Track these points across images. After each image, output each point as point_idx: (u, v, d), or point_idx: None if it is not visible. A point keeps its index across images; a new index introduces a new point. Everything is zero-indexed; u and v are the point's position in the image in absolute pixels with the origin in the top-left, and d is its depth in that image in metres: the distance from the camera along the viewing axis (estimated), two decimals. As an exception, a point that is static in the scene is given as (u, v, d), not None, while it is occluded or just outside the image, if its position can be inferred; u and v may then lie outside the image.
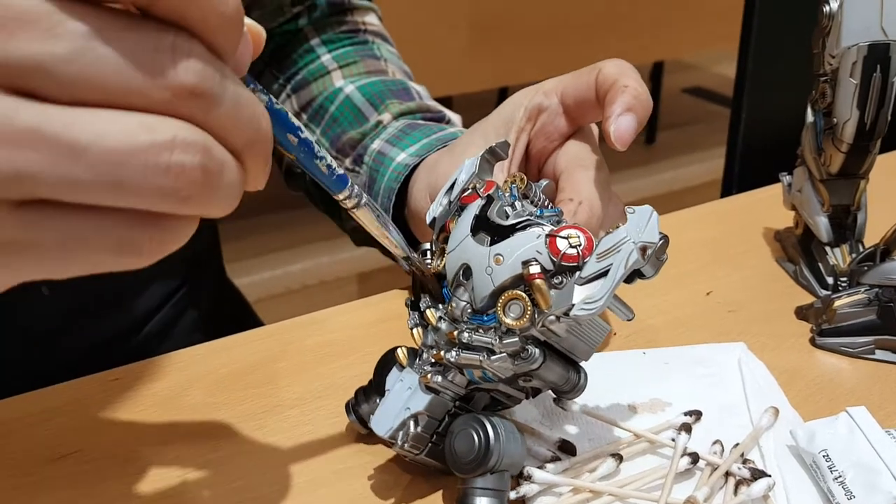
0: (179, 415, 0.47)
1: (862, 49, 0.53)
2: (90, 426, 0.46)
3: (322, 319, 0.57)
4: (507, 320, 0.37)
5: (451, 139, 0.57)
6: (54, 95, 0.23)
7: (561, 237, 0.37)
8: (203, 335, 0.55)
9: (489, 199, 0.40)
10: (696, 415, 0.46)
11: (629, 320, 0.39)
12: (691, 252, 0.66)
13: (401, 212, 0.58)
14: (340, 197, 0.35)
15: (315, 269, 2.05)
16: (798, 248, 0.63)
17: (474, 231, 0.39)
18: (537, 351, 0.37)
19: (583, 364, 0.41)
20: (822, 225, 0.60)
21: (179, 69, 0.25)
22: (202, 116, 0.25)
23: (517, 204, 0.40)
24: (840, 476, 0.41)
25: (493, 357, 0.38)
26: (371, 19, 0.72)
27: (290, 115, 0.32)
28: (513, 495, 0.40)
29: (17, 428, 0.45)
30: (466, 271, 0.39)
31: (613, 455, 0.42)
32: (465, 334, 0.38)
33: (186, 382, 0.50)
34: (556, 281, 0.37)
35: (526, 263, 0.37)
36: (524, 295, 0.37)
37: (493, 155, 0.43)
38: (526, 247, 0.37)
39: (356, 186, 0.36)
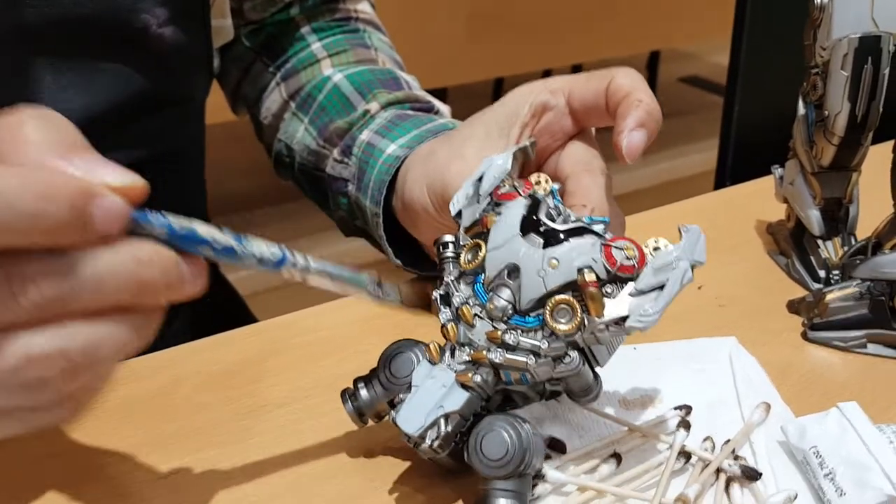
0: (166, 413, 0.47)
1: (853, 41, 0.53)
2: (77, 426, 0.46)
3: (310, 317, 0.57)
4: (557, 325, 0.38)
5: (441, 130, 0.56)
6: None
7: (617, 247, 0.38)
8: (194, 335, 0.55)
9: (534, 200, 0.40)
10: (687, 409, 0.46)
11: (645, 331, 0.39)
12: None
13: (388, 203, 0.57)
14: (284, 275, 0.36)
15: (312, 263, 2.04)
16: (790, 242, 0.62)
17: (523, 232, 0.39)
18: (578, 356, 0.38)
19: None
20: (813, 218, 0.60)
21: (18, 295, 0.26)
22: (60, 312, 0.27)
23: (561, 208, 0.41)
24: (830, 472, 0.41)
25: (539, 360, 0.38)
26: (363, 7, 0.72)
27: (199, 228, 0.32)
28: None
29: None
30: (513, 271, 0.39)
31: (613, 455, 0.42)
32: (510, 335, 0.38)
33: (174, 381, 0.49)
34: (607, 290, 0.37)
35: (581, 270, 0.37)
36: (574, 301, 0.38)
37: (524, 153, 0.44)
38: (583, 253, 0.38)
39: (297, 256, 0.36)
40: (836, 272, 0.59)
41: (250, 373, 0.50)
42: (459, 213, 0.42)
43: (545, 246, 0.38)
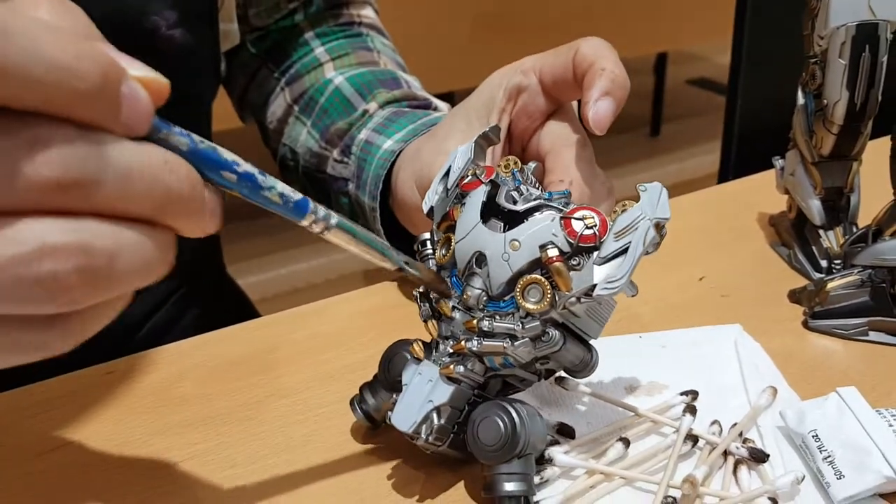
0: (171, 406, 0.47)
1: (850, 29, 0.53)
2: (82, 419, 0.46)
3: (312, 312, 0.57)
4: (528, 305, 0.37)
5: (436, 124, 0.57)
6: None
7: (576, 218, 0.37)
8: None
9: (494, 185, 0.40)
10: (693, 394, 0.46)
11: (633, 296, 0.39)
12: (685, 238, 0.66)
13: (385, 208, 0.58)
14: (304, 224, 0.32)
15: (320, 268, 2.05)
16: (791, 232, 0.62)
17: (484, 218, 0.39)
18: (557, 333, 0.38)
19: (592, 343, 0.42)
20: (814, 208, 0.60)
21: (38, 164, 0.22)
22: (83, 204, 0.24)
23: (522, 188, 0.40)
24: (829, 456, 0.41)
25: (516, 343, 0.38)
26: (367, 12, 0.73)
27: (219, 150, 0.29)
28: (536, 479, 0.40)
29: (7, 423, 0.46)
30: (480, 259, 0.39)
31: (621, 440, 0.43)
32: (485, 322, 0.38)
33: (178, 374, 0.50)
34: (573, 262, 0.37)
35: (543, 247, 0.37)
36: (543, 279, 0.37)
37: (486, 140, 0.44)
38: (542, 230, 0.37)
39: (321, 208, 0.33)
40: (838, 261, 0.59)
41: (253, 365, 0.51)
42: (432, 210, 0.42)
43: (506, 229, 0.38)
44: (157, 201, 0.25)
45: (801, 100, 0.59)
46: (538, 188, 0.42)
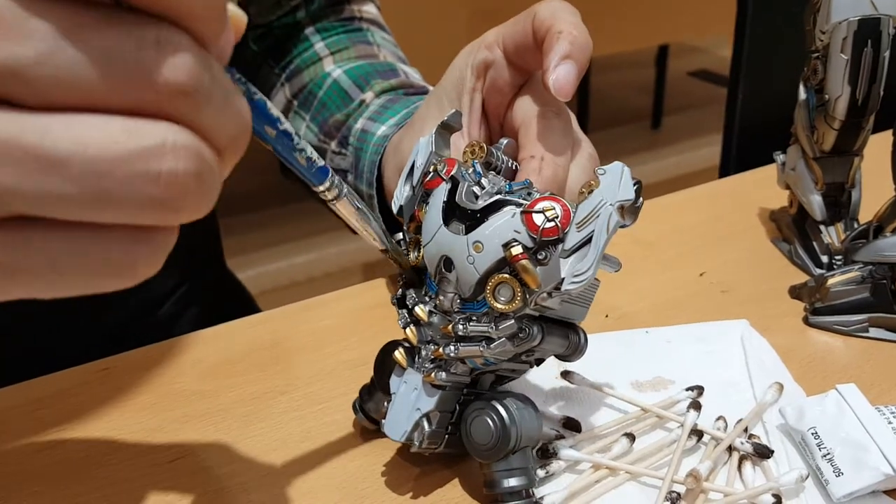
0: (169, 402, 0.47)
1: (852, 24, 0.53)
2: (79, 416, 0.46)
3: (310, 308, 0.57)
4: (499, 305, 0.36)
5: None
6: (29, 101, 0.21)
7: (536, 212, 0.35)
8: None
9: (454, 182, 0.38)
10: (699, 390, 0.46)
11: (617, 271, 0.38)
12: (685, 233, 0.65)
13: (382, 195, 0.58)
14: (321, 188, 0.34)
15: (320, 261, 2.05)
16: (792, 228, 0.62)
17: (446, 220, 0.38)
18: (535, 328, 0.37)
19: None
20: (815, 203, 0.60)
21: (166, 67, 0.22)
22: (192, 117, 0.23)
23: (483, 181, 0.38)
24: (829, 453, 0.41)
25: (492, 344, 0.37)
26: (368, 8, 0.72)
27: (269, 104, 0.30)
28: (542, 473, 0.40)
29: (4, 420, 0.46)
30: (447, 263, 0.38)
31: (626, 435, 0.43)
32: (460, 326, 0.37)
33: (177, 370, 0.50)
34: (540, 257, 0.35)
35: (507, 245, 0.36)
36: (511, 277, 0.36)
37: (447, 128, 0.42)
38: (502, 228, 0.36)
39: (337, 178, 0.34)
40: (839, 257, 0.58)
41: (252, 361, 0.51)
42: (402, 210, 0.41)
43: (467, 231, 0.37)
44: (233, 135, 0.25)
45: (802, 95, 0.59)
46: (504, 173, 0.41)
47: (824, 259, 0.59)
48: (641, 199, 0.35)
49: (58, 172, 0.21)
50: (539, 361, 0.42)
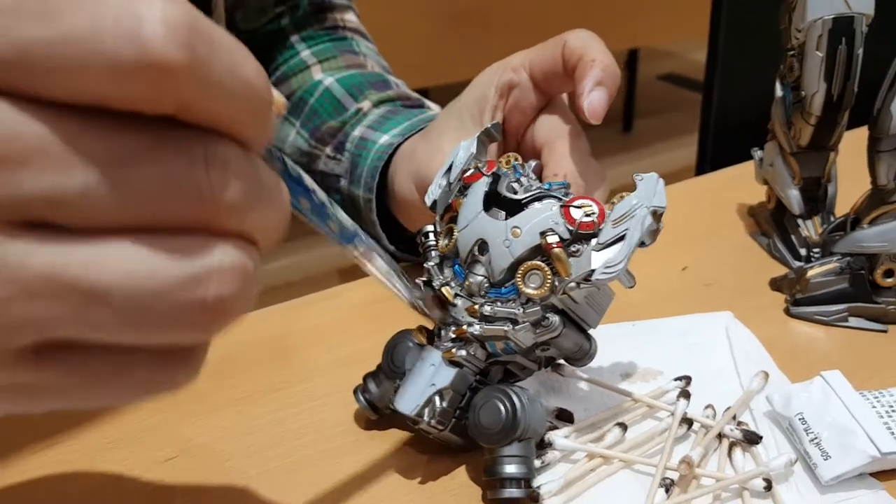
0: (163, 401, 0.47)
1: (827, 22, 0.54)
2: (71, 415, 0.46)
3: (301, 307, 0.57)
4: (528, 290, 0.39)
5: (431, 121, 0.57)
6: (73, 225, 0.20)
7: (575, 207, 0.38)
8: None
9: (496, 177, 0.41)
10: (687, 380, 0.47)
11: (631, 287, 0.40)
12: (666, 229, 0.65)
13: (381, 200, 0.58)
14: (351, 249, 0.34)
15: (298, 266, 2.04)
16: (771, 222, 0.64)
17: (486, 207, 0.40)
18: (557, 318, 0.39)
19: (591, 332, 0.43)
20: (793, 198, 0.61)
21: (216, 185, 0.21)
22: (239, 228, 0.22)
23: (523, 179, 0.41)
24: (816, 438, 0.42)
25: (517, 327, 0.39)
26: (350, 17, 0.73)
27: (304, 176, 0.29)
28: (537, 463, 0.41)
29: (3, 419, 0.45)
30: (482, 246, 0.40)
31: (619, 424, 0.44)
32: (487, 307, 0.39)
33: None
34: (573, 249, 0.38)
35: (544, 234, 0.38)
36: (543, 265, 0.38)
37: (488, 136, 0.45)
38: (542, 218, 0.39)
39: (365, 236, 0.34)
40: (817, 250, 0.60)
41: (247, 359, 0.51)
42: (435, 204, 0.43)
43: (507, 217, 0.40)
44: (274, 227, 0.24)
45: (779, 92, 0.60)
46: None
47: (802, 252, 0.61)
48: (662, 224, 0.38)
49: (101, 304, 0.20)
50: (549, 361, 0.43)
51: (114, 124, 0.20)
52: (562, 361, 0.47)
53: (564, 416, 0.45)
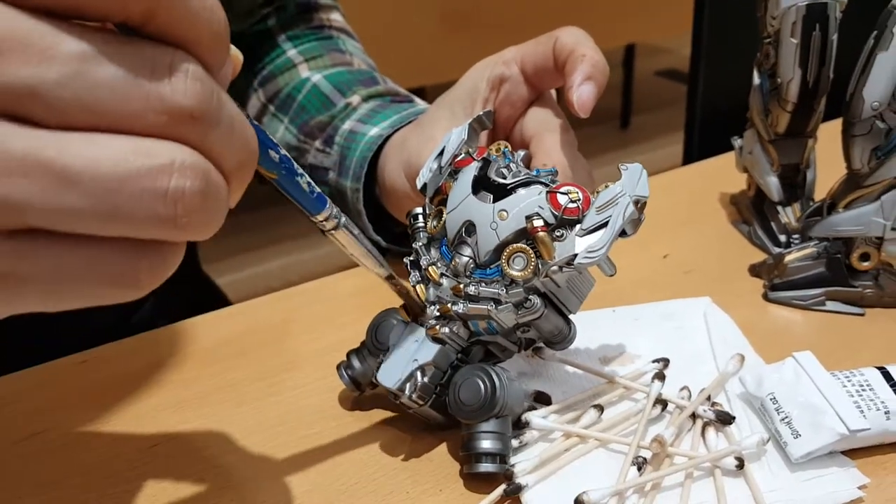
0: (150, 390, 0.48)
1: (800, 9, 0.55)
2: (58, 407, 0.47)
3: (283, 298, 0.58)
4: (513, 272, 0.40)
5: (420, 114, 0.58)
6: (47, 120, 0.22)
7: (561, 193, 0.40)
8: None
9: (485, 162, 0.42)
10: (664, 362, 0.48)
11: (612, 275, 0.41)
12: (649, 218, 0.66)
13: (370, 191, 0.59)
14: (320, 218, 0.36)
15: (296, 266, 2.06)
16: (751, 210, 0.64)
17: (475, 190, 0.41)
18: (539, 300, 0.40)
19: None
20: (772, 185, 0.62)
21: (178, 91, 0.24)
22: (200, 139, 0.24)
23: (512, 165, 0.43)
24: (787, 417, 0.43)
25: (499, 307, 0.40)
26: (335, 16, 0.74)
27: (268, 133, 0.32)
28: (515, 444, 0.42)
29: (-13, 411, 0.46)
30: (469, 228, 0.41)
31: (595, 406, 0.44)
32: (472, 287, 0.41)
33: (154, 361, 0.51)
34: (557, 234, 0.40)
35: (529, 218, 0.39)
36: (528, 248, 0.40)
37: (480, 123, 0.47)
38: (529, 202, 0.40)
39: (335, 207, 0.36)
40: (796, 236, 0.60)
41: (229, 350, 0.52)
42: (425, 186, 0.44)
43: (495, 200, 0.41)
44: (241, 160, 0.26)
45: (756, 79, 0.61)
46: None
47: (782, 238, 0.61)
48: (644, 215, 0.40)
49: (71, 187, 0.23)
50: (529, 343, 0.44)
51: (90, 27, 0.23)
52: (542, 345, 0.48)
53: (542, 399, 0.46)
